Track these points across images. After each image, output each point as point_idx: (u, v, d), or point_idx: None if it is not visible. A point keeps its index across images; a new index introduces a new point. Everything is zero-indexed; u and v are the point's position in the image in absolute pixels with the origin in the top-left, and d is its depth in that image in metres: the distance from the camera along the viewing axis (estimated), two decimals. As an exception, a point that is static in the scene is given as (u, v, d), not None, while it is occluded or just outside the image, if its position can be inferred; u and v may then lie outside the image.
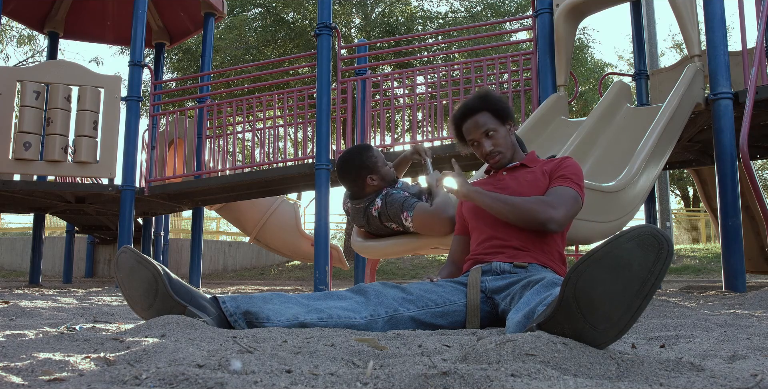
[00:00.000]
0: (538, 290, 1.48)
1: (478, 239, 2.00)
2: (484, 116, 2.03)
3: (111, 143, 5.63)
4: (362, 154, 2.63)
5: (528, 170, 2.05)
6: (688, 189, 19.88)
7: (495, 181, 2.08)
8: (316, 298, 1.63)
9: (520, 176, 2.04)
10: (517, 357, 1.02)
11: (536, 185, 1.98)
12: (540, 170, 2.03)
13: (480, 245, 1.97)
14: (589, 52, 13.84)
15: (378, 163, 2.63)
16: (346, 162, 2.65)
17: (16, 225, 17.76)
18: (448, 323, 1.71)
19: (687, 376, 0.89)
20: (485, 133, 2.03)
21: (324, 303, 1.60)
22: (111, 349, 1.18)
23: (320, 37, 5.31)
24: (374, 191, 2.67)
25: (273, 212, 7.77)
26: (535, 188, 1.97)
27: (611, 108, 3.89)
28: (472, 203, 2.04)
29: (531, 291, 1.50)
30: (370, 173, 2.62)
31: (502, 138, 2.05)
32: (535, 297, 1.44)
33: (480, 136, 2.04)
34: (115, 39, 8.51)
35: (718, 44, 3.78)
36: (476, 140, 2.06)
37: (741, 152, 3.24)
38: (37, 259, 7.08)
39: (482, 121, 2.03)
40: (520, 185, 1.99)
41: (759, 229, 5.48)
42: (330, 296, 1.66)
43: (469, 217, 2.08)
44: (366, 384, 0.85)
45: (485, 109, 2.04)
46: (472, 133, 2.06)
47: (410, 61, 10.38)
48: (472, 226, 2.07)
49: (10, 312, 2.14)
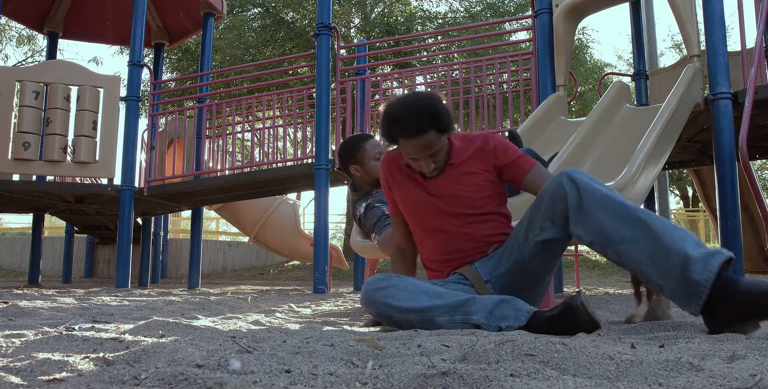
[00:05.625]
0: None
1: (435, 250, 1.99)
2: (430, 137, 1.79)
3: (110, 143, 5.63)
4: (355, 143, 2.77)
5: (459, 169, 1.94)
6: (687, 189, 19.88)
7: (428, 185, 1.96)
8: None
9: (454, 179, 1.94)
10: (516, 357, 1.02)
11: (479, 187, 1.93)
12: (478, 166, 1.94)
13: (441, 256, 1.98)
14: (589, 53, 13.84)
15: (365, 155, 2.72)
16: (341, 147, 2.83)
17: (15, 225, 17.77)
18: None
19: (686, 376, 0.89)
20: (431, 154, 1.85)
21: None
22: (110, 349, 1.18)
23: (320, 37, 5.31)
24: (363, 183, 2.78)
25: (272, 212, 7.76)
26: (478, 190, 1.92)
27: (610, 108, 3.89)
28: (410, 204, 2.00)
29: None
30: (354, 163, 2.74)
31: (443, 152, 1.89)
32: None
33: (424, 157, 1.85)
34: (115, 39, 8.50)
35: (718, 44, 3.78)
36: (418, 158, 1.87)
37: (740, 152, 3.24)
38: (36, 259, 7.07)
39: (429, 143, 1.81)
40: (457, 189, 1.92)
41: (758, 229, 5.48)
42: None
43: (411, 225, 2.06)
44: (365, 384, 0.85)
45: (432, 129, 1.79)
46: (415, 153, 1.85)
47: (410, 61, 10.38)
48: (413, 232, 2.06)
49: (9, 312, 2.13)
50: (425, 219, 1.98)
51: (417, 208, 1.99)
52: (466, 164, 1.95)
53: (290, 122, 7.92)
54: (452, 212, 1.93)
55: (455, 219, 1.93)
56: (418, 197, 1.98)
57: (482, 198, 1.93)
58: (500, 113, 5.13)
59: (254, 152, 6.06)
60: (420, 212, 1.99)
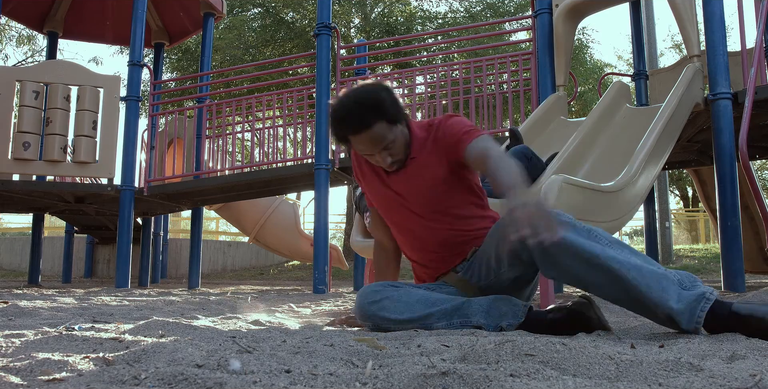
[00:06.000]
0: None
1: (411, 248, 1.89)
2: (378, 130, 1.65)
3: (110, 142, 5.63)
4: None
5: (419, 161, 1.78)
6: (687, 189, 19.88)
7: (391, 181, 1.83)
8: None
9: (415, 173, 1.78)
10: (516, 357, 1.02)
11: (438, 181, 1.76)
12: (435, 157, 1.77)
13: (418, 255, 1.88)
14: (589, 53, 13.83)
15: None
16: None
17: (15, 225, 17.77)
18: None
19: (686, 376, 0.89)
20: (384, 147, 1.69)
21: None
22: (110, 349, 1.18)
23: (320, 37, 5.31)
24: None
25: (272, 212, 7.76)
26: (439, 183, 1.76)
27: (610, 108, 3.89)
28: (377, 200, 1.89)
29: None
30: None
31: (399, 144, 1.72)
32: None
33: (378, 151, 1.70)
34: (115, 39, 8.50)
35: (718, 44, 3.78)
36: (373, 154, 1.73)
37: (740, 152, 3.24)
38: (36, 259, 7.07)
39: (379, 136, 1.66)
40: (418, 185, 1.78)
41: (758, 229, 5.47)
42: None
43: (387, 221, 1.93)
44: (365, 384, 0.85)
45: (379, 120, 1.65)
46: (367, 149, 1.71)
47: (410, 61, 10.37)
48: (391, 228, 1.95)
49: (9, 312, 2.13)
50: (393, 216, 1.87)
51: (383, 205, 1.89)
52: (425, 155, 1.77)
53: (290, 122, 7.92)
54: (416, 210, 1.79)
55: (420, 218, 1.79)
56: (382, 194, 1.86)
57: (445, 192, 1.77)
58: (500, 113, 5.13)
59: (254, 152, 6.06)
60: (386, 209, 1.88)
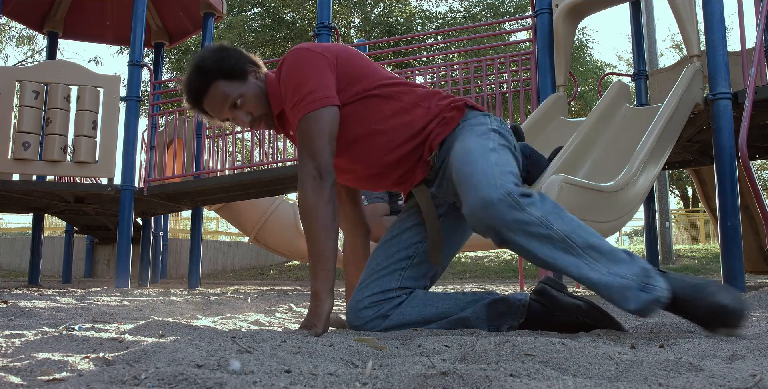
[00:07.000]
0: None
1: (368, 185, 1.77)
2: (218, 90, 1.59)
3: (110, 143, 5.63)
4: None
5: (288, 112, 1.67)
6: (687, 189, 19.89)
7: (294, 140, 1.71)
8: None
9: (291, 127, 1.67)
10: (516, 357, 1.02)
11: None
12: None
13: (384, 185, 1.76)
14: (589, 53, 13.85)
15: None
16: None
17: (15, 225, 17.77)
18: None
19: (686, 376, 0.89)
20: (232, 105, 1.61)
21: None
22: (110, 349, 1.18)
23: (319, 37, 5.31)
24: None
25: (272, 212, 7.75)
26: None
27: (610, 108, 3.89)
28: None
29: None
30: None
31: (251, 99, 1.61)
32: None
33: (229, 111, 1.62)
34: (115, 39, 8.49)
35: (717, 44, 3.78)
36: (228, 117, 1.64)
37: (740, 152, 3.24)
38: (36, 259, 7.07)
39: (220, 96, 1.59)
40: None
41: (758, 229, 5.48)
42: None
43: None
44: (365, 384, 0.85)
45: (214, 79, 1.58)
46: (218, 113, 1.63)
47: (410, 62, 10.37)
48: None
49: (9, 312, 2.13)
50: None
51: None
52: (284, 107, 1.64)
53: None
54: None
55: (341, 159, 1.65)
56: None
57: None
58: (500, 113, 5.13)
59: (254, 152, 6.06)
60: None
